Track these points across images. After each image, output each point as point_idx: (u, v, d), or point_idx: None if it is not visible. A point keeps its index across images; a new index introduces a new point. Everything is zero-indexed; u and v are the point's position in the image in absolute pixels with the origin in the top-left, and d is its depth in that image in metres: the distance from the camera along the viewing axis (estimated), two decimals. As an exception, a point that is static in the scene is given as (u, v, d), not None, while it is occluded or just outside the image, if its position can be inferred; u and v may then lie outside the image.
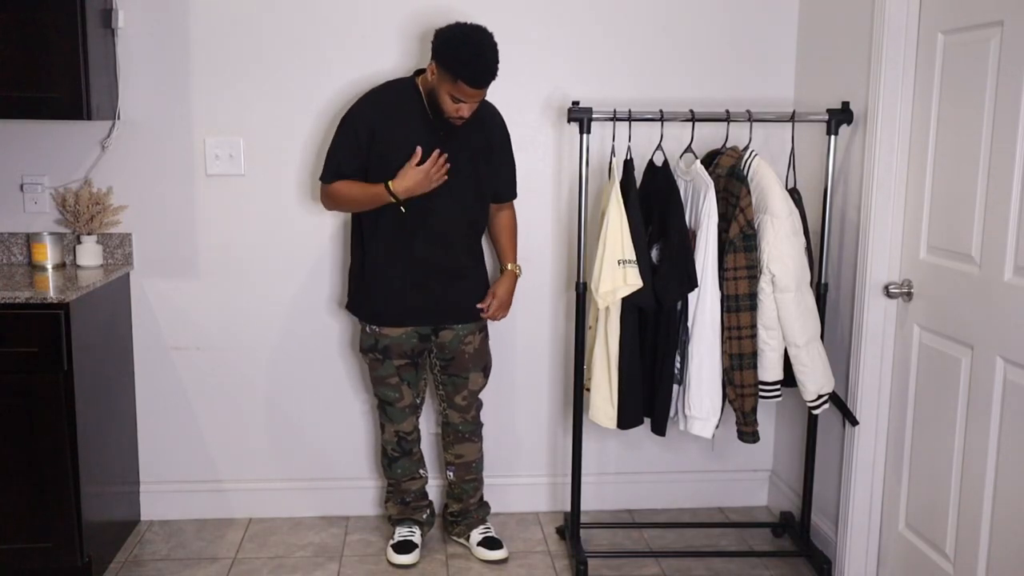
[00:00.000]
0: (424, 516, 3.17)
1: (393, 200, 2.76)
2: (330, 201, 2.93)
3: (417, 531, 3.14)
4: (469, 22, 2.72)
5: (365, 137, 2.80)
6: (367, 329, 2.96)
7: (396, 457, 3.09)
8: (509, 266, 3.05)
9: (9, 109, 2.85)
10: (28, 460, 2.74)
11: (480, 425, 3.15)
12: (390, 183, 2.75)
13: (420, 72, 2.86)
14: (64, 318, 2.67)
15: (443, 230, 2.88)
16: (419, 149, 2.75)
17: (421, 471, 3.15)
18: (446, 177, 2.78)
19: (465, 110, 2.71)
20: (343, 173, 2.85)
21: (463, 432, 3.10)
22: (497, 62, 2.66)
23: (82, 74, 2.82)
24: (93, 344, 2.90)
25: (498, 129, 2.96)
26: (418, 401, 3.09)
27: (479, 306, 2.97)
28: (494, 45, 2.66)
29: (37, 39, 2.79)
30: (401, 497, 3.14)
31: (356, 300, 2.99)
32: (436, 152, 2.75)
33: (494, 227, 3.06)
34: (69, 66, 2.81)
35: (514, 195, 3.06)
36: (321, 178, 2.91)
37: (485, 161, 2.91)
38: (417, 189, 2.75)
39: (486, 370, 3.08)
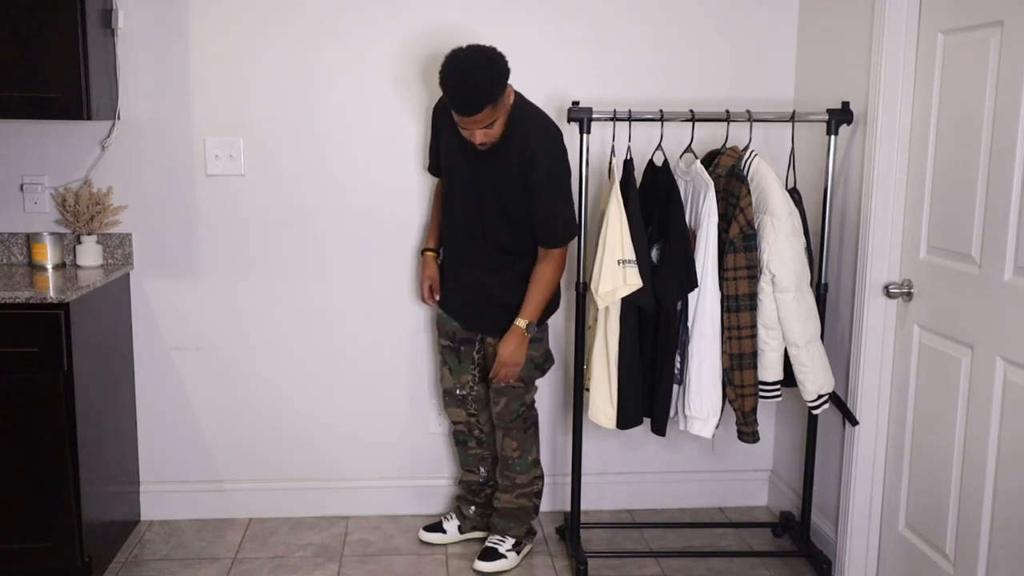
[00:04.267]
0: (470, 511, 3.20)
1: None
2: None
3: (453, 520, 3.21)
4: (475, 44, 2.64)
5: (435, 134, 2.99)
6: None
7: (455, 443, 3.21)
8: (516, 321, 2.85)
9: (9, 109, 2.85)
10: (28, 460, 2.74)
11: (515, 427, 3.00)
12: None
13: None
14: (64, 318, 2.67)
15: (469, 247, 2.92)
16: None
17: (481, 467, 3.18)
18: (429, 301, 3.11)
19: (477, 136, 2.65)
20: (430, 164, 3.08)
21: (496, 429, 3.08)
22: (481, 90, 2.55)
23: (82, 74, 2.82)
24: (93, 344, 2.90)
25: (541, 168, 2.73)
26: (460, 392, 3.07)
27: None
28: (482, 69, 2.56)
29: (37, 39, 2.79)
30: (460, 482, 3.25)
31: None
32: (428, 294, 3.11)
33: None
34: (69, 66, 2.81)
35: (549, 243, 2.81)
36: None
37: (516, 193, 2.77)
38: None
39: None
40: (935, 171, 2.60)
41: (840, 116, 2.88)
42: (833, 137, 2.90)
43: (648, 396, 2.94)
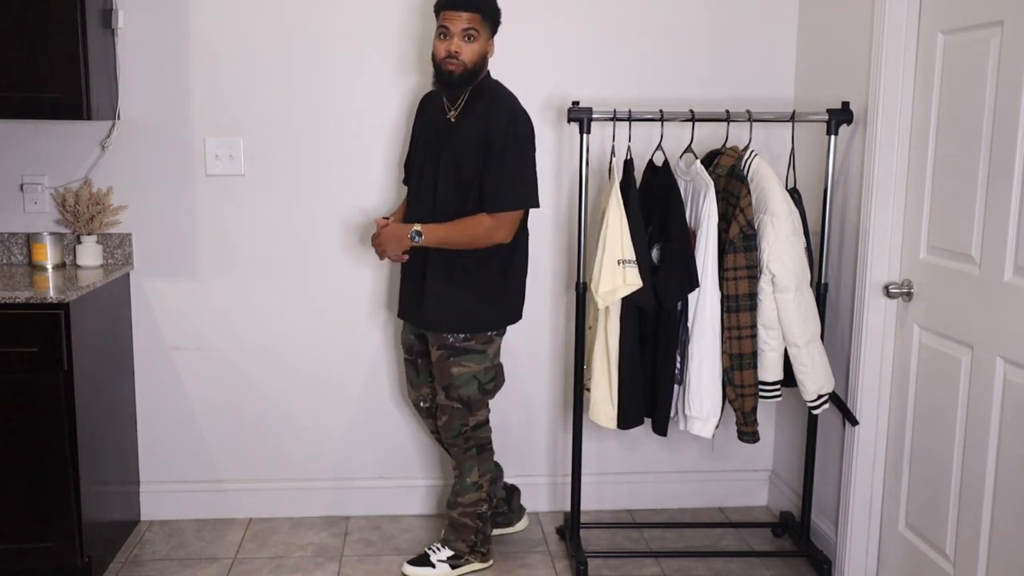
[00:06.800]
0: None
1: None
2: None
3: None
4: None
5: (412, 137, 3.01)
6: None
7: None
8: (415, 225, 2.75)
9: (9, 109, 2.85)
10: (28, 460, 2.74)
11: (455, 445, 2.94)
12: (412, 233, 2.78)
13: None
14: (64, 318, 2.67)
15: (422, 221, 2.79)
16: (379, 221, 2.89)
17: None
18: (393, 256, 2.84)
19: (453, 42, 2.67)
20: (406, 164, 3.04)
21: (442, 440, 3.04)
22: None
23: (82, 74, 2.82)
24: (93, 344, 2.90)
25: (501, 132, 2.71)
26: (423, 405, 3.05)
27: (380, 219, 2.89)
28: None
29: (37, 39, 2.79)
30: None
31: None
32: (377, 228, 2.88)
33: None
34: (69, 66, 2.81)
35: (493, 204, 2.71)
36: None
37: (473, 158, 2.73)
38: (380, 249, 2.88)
39: (448, 390, 2.86)
40: (935, 171, 2.60)
41: (840, 116, 2.88)
42: (833, 137, 2.90)
43: (648, 396, 2.94)
